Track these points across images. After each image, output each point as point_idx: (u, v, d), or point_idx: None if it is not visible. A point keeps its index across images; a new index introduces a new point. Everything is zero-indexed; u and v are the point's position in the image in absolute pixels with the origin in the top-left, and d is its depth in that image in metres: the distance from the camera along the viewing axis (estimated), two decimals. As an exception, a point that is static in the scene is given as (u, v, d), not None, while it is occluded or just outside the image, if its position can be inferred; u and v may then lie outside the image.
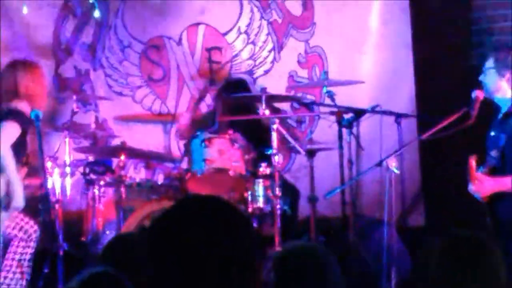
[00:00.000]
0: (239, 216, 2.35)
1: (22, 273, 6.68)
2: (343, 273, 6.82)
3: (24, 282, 6.69)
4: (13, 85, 6.67)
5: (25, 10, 6.64)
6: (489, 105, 6.51)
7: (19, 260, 6.67)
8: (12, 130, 6.56)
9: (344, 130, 6.92)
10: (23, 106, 6.58)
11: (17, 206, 6.19)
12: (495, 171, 6.33)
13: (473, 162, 5.89)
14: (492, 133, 6.34)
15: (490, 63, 6.40)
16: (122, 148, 7.13)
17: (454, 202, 7.66)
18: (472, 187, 5.89)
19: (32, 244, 6.77)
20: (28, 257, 6.72)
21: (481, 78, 6.48)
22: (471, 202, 6.60)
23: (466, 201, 6.86)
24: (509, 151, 6.19)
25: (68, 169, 6.96)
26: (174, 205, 2.41)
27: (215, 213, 2.33)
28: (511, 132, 6.18)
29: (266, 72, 8.20)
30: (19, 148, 6.66)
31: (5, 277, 6.73)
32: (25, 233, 6.72)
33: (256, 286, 2.33)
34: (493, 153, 6.21)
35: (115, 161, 7.28)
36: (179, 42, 8.17)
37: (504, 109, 6.31)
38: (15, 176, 6.54)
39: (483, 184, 6.23)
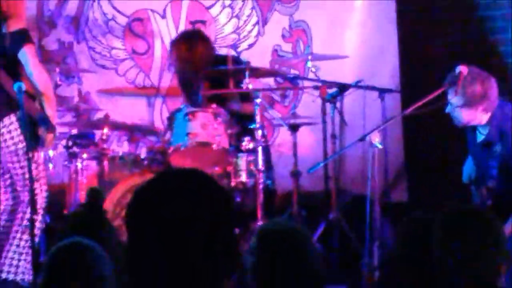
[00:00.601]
0: (219, 190, 2.34)
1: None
2: (325, 248, 6.85)
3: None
4: None
5: None
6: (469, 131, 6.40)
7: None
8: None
9: (328, 105, 6.95)
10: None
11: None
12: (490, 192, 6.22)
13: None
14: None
15: (457, 101, 6.18)
16: (105, 121, 7.13)
17: (437, 178, 7.73)
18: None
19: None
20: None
21: (448, 111, 6.27)
22: (453, 178, 6.63)
23: (449, 177, 7.17)
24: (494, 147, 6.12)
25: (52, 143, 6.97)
26: (155, 178, 2.38)
27: (195, 186, 2.31)
28: (494, 128, 6.03)
29: (250, 46, 8.16)
30: None
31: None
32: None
33: (235, 261, 2.34)
34: (490, 181, 6.11)
35: (98, 134, 7.13)
36: (163, 15, 8.09)
37: (481, 136, 6.26)
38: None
39: None
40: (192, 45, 7.57)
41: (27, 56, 6.43)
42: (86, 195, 5.64)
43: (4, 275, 6.45)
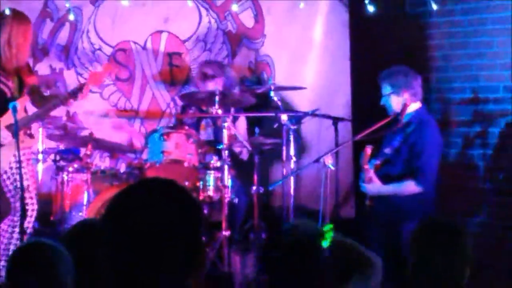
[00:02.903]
0: (191, 200, 2.32)
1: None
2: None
3: None
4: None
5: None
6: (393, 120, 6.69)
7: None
8: None
9: (287, 130, 6.91)
10: None
11: None
12: (387, 163, 6.54)
13: (369, 150, 5.99)
14: (389, 135, 6.57)
15: (387, 89, 6.61)
16: (90, 139, 7.11)
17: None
18: (364, 180, 6.12)
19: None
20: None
21: (382, 102, 6.69)
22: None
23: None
24: (403, 151, 6.39)
25: (40, 156, 6.98)
26: (131, 185, 2.37)
27: (168, 194, 2.29)
28: (406, 137, 6.37)
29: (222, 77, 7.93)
30: None
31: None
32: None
33: (202, 264, 2.33)
34: (387, 150, 6.45)
35: (82, 150, 7.20)
36: (144, 47, 8.15)
37: (405, 119, 6.50)
38: None
39: (371, 183, 6.45)
40: None
41: None
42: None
43: None
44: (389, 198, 6.51)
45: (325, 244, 3.84)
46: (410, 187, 6.36)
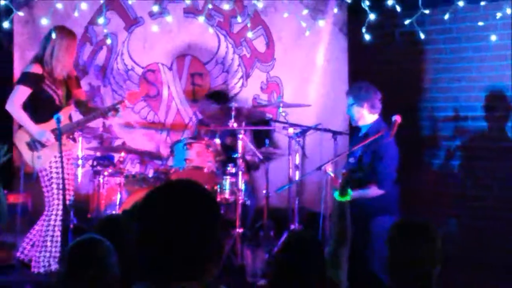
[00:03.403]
0: (210, 197, 2.34)
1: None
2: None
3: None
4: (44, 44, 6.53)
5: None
6: (355, 128, 6.79)
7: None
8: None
9: (293, 142, 7.03)
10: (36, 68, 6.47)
11: None
12: (353, 172, 6.09)
13: (345, 174, 5.47)
14: (352, 146, 6.49)
15: (350, 100, 6.61)
16: (122, 147, 7.32)
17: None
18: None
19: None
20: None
21: (347, 112, 6.69)
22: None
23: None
24: (364, 159, 6.40)
25: (80, 162, 6.99)
26: (163, 184, 2.38)
27: (192, 192, 2.32)
28: (366, 146, 6.32)
29: (236, 94, 8.24)
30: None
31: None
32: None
33: (219, 253, 2.33)
34: (351, 159, 6.48)
35: (116, 157, 7.24)
36: (170, 68, 8.21)
37: (363, 131, 6.57)
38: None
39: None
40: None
41: None
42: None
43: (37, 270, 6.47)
44: (358, 200, 6.30)
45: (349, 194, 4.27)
46: (373, 191, 6.39)
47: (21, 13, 7.40)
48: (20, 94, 6.40)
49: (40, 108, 6.44)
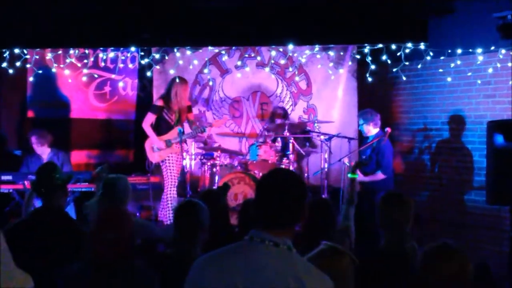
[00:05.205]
0: (301, 180, 2.42)
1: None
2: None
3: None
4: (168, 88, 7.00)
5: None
6: (364, 137, 7.40)
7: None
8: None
9: (323, 144, 7.88)
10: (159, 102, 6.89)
11: None
12: (364, 166, 7.06)
13: (353, 163, 5.39)
14: (362, 148, 7.08)
15: (361, 121, 7.30)
16: (218, 148, 8.21)
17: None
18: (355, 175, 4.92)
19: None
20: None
21: (359, 128, 7.34)
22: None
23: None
24: (373, 157, 7.07)
25: (193, 157, 8.05)
26: (272, 170, 2.44)
27: (290, 173, 2.43)
28: (373, 149, 6.98)
29: (288, 115, 8.87)
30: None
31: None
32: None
33: (303, 219, 2.38)
34: (363, 157, 7.24)
35: (215, 154, 8.06)
36: (248, 99, 9.23)
37: (370, 139, 7.20)
38: None
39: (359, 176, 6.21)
40: None
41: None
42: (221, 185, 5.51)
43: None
44: (370, 182, 6.98)
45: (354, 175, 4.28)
46: (379, 175, 7.08)
47: (158, 67, 8.48)
48: (149, 118, 7.24)
49: (160, 126, 7.31)
